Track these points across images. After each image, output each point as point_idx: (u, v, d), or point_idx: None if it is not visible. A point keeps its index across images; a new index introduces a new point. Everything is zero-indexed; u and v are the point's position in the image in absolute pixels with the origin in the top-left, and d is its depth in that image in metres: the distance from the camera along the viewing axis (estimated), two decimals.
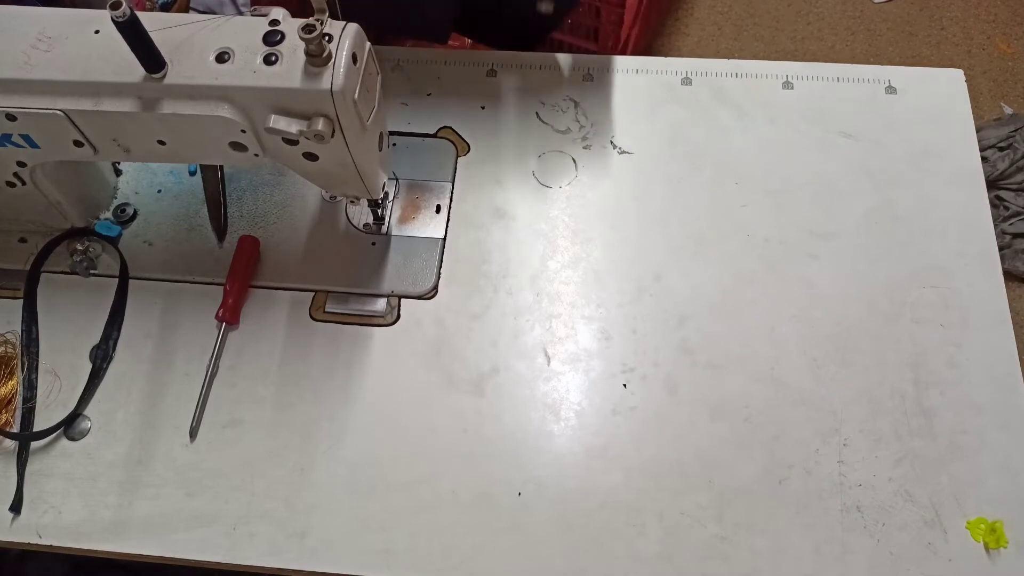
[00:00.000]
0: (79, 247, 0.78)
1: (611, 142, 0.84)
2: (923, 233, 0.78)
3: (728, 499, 0.67)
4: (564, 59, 0.90)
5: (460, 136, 0.85)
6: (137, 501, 0.69)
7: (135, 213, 0.81)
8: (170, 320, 0.76)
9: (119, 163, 0.83)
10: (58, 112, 0.61)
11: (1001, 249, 1.29)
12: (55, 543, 0.68)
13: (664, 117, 0.85)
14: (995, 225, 0.85)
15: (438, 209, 0.81)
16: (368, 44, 0.62)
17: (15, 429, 0.71)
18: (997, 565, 0.65)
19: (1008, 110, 1.66)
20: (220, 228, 0.80)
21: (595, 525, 0.67)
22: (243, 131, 0.62)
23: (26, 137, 0.65)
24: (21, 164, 0.69)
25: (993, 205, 1.50)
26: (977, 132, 0.92)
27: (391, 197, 0.81)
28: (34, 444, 0.71)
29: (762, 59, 0.86)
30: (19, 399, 0.72)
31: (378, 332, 0.75)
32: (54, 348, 0.75)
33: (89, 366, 0.74)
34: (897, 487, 0.67)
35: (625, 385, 0.72)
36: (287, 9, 0.62)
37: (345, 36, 0.59)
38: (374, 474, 0.69)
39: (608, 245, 0.79)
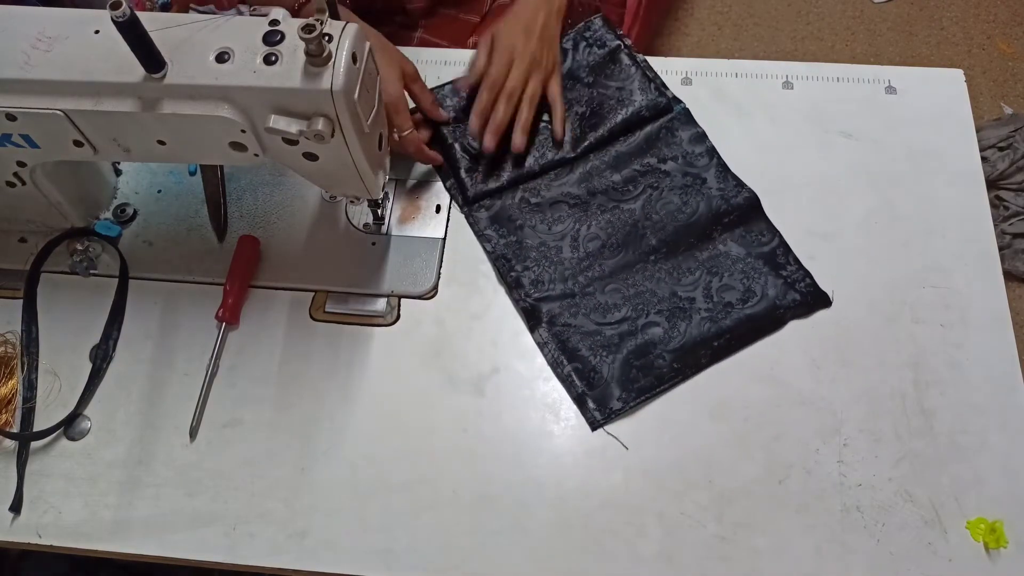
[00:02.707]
0: (79, 247, 0.78)
1: None
2: (923, 233, 0.78)
3: (728, 499, 0.67)
4: None
5: None
6: (137, 501, 0.69)
7: (135, 213, 0.81)
8: (170, 320, 0.76)
9: (119, 163, 0.83)
10: (58, 112, 0.61)
11: (1001, 249, 1.29)
12: (55, 543, 0.68)
13: None
14: (995, 225, 0.85)
15: (438, 209, 0.81)
16: (368, 44, 0.62)
17: (15, 429, 0.71)
18: (997, 565, 0.65)
19: (1008, 110, 1.66)
20: (220, 228, 0.80)
21: (595, 525, 0.67)
22: (243, 131, 0.62)
23: (26, 137, 0.65)
24: (21, 164, 0.69)
25: (993, 205, 1.50)
26: (977, 132, 0.92)
27: (391, 197, 0.81)
28: (34, 444, 0.71)
29: (762, 59, 0.86)
30: (19, 399, 0.72)
31: (378, 332, 0.75)
32: (54, 348, 0.75)
33: (89, 366, 0.74)
34: (897, 487, 0.67)
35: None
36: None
37: (345, 36, 0.59)
38: (374, 474, 0.69)
39: None
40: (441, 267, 0.78)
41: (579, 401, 0.71)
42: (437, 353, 0.74)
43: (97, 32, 0.61)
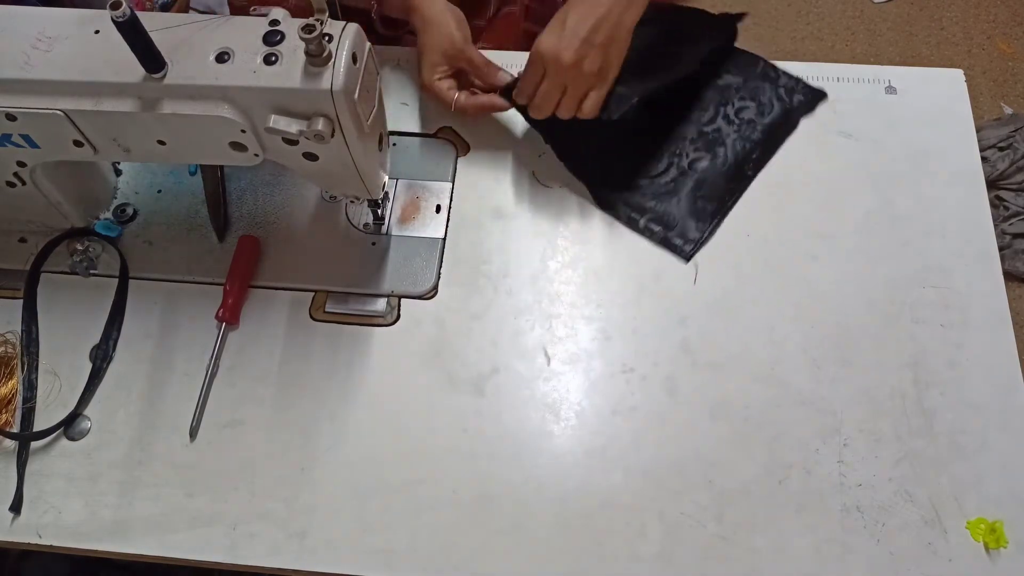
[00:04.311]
0: (79, 247, 0.78)
1: None
2: (923, 233, 0.78)
3: (728, 499, 0.67)
4: None
5: (460, 136, 0.85)
6: (137, 501, 0.69)
7: (135, 213, 0.81)
8: (170, 320, 0.76)
9: (119, 163, 0.83)
10: (58, 112, 0.61)
11: (1001, 249, 1.29)
12: (55, 543, 0.68)
13: None
14: (995, 225, 0.85)
15: (438, 209, 0.81)
16: (368, 44, 0.62)
17: (15, 429, 0.71)
18: (997, 565, 0.65)
19: (1008, 110, 1.67)
20: (220, 228, 0.80)
21: (595, 525, 0.67)
22: (243, 131, 0.62)
23: (26, 137, 0.65)
24: (21, 164, 0.69)
25: (993, 205, 1.50)
26: (977, 132, 0.92)
27: (391, 197, 0.81)
28: (34, 444, 0.71)
29: None
30: (19, 399, 0.72)
31: (378, 332, 0.75)
32: (54, 348, 0.75)
33: (89, 366, 0.74)
34: (897, 487, 0.67)
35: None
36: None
37: (345, 36, 0.59)
38: (374, 474, 0.69)
39: (608, 245, 0.79)
40: (441, 267, 0.78)
41: (664, 243, 0.78)
42: (437, 353, 0.74)
43: (97, 32, 0.61)
